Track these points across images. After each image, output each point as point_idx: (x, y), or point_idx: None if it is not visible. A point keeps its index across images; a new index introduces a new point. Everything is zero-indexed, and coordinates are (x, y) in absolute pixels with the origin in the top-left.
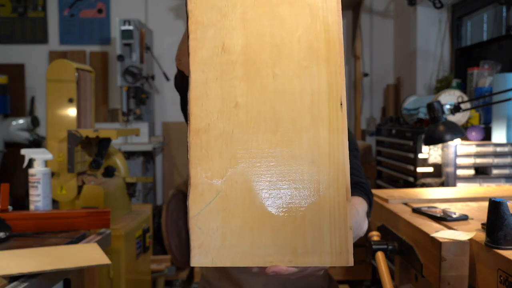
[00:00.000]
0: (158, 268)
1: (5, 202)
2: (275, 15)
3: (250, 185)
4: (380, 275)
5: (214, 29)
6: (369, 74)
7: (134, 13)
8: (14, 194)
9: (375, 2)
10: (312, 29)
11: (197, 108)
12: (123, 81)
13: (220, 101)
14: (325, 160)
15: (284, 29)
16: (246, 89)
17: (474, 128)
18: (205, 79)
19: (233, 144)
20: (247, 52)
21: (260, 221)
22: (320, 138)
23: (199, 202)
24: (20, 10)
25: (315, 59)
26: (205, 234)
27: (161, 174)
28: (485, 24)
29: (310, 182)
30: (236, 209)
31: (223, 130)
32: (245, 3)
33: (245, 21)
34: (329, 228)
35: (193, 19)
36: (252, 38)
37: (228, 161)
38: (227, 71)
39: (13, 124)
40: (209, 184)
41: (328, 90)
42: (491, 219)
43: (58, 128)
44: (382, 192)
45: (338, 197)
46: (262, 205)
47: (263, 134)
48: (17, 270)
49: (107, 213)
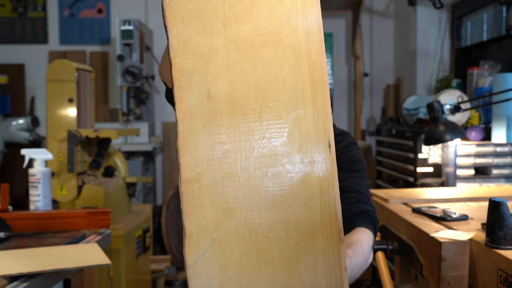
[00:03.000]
0: (158, 268)
1: (5, 202)
2: (259, 58)
3: (244, 232)
4: (380, 275)
5: (198, 76)
6: (369, 74)
7: (134, 13)
8: (14, 194)
9: (375, 2)
10: (297, 70)
11: (186, 157)
12: (123, 81)
13: (209, 149)
14: (317, 203)
15: (268, 72)
16: (234, 135)
17: (474, 128)
18: (193, 127)
19: (225, 192)
20: (232, 97)
21: (256, 267)
22: (311, 181)
23: (195, 251)
24: (20, 10)
25: (301, 101)
26: (203, 282)
27: (161, 174)
28: (485, 24)
29: (303, 227)
30: (232, 256)
31: (214, 178)
32: (227, 47)
33: (228, 66)
34: (324, 270)
35: (176, 67)
36: (237, 83)
37: (221, 209)
38: (214, 118)
39: (13, 124)
40: (204, 232)
41: (315, 132)
42: (491, 219)
43: (58, 128)
44: (382, 192)
45: (331, 239)
46: (259, 251)
47: (253, 181)
48: (17, 270)
49: (107, 213)
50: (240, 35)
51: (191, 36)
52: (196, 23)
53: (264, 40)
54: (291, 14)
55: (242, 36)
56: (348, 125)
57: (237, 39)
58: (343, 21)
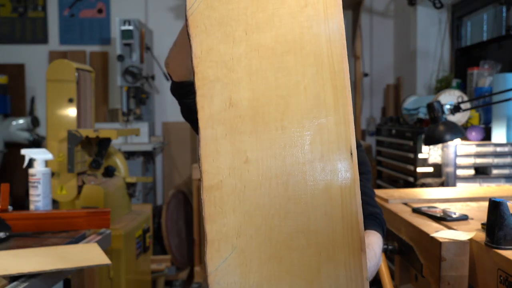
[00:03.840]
0: (158, 268)
1: (5, 202)
2: (280, 66)
3: (265, 239)
4: (380, 275)
5: (221, 84)
6: (369, 74)
7: (134, 13)
8: (14, 194)
9: (375, 2)
10: (319, 78)
11: (208, 165)
12: (123, 81)
13: (231, 157)
14: (338, 212)
15: (290, 79)
16: (256, 143)
17: (474, 128)
18: (215, 135)
19: (246, 200)
20: (254, 105)
21: (277, 276)
22: (332, 190)
23: (216, 258)
24: (20, 10)
25: (323, 109)
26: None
27: (161, 174)
28: (485, 24)
29: (323, 235)
30: (253, 264)
31: (235, 186)
32: (249, 55)
33: (250, 74)
34: (346, 281)
35: (199, 75)
36: (259, 91)
37: (242, 217)
38: (236, 126)
39: (13, 124)
40: (225, 240)
41: (337, 140)
42: (491, 219)
43: (58, 128)
44: (382, 192)
45: (353, 249)
46: (279, 259)
47: (275, 190)
48: (17, 270)
49: (107, 213)
50: (262, 43)
51: (214, 44)
52: (219, 32)
53: (286, 48)
54: (313, 21)
55: (264, 44)
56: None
57: (259, 47)
58: (343, 21)
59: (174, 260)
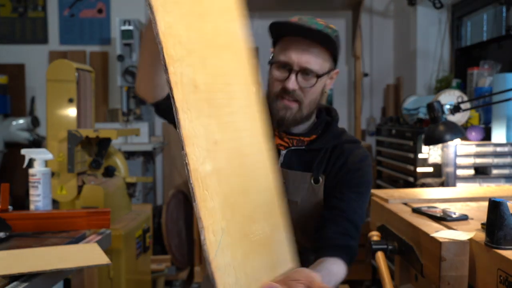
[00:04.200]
0: (158, 268)
1: (5, 202)
2: (221, 56)
3: (239, 217)
4: (380, 275)
5: (185, 65)
6: (369, 74)
7: (134, 13)
8: (14, 194)
9: (375, 2)
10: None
11: (190, 147)
12: (123, 81)
13: (205, 139)
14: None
15: (230, 69)
16: (217, 126)
17: (474, 128)
18: (190, 117)
19: (222, 181)
20: (209, 90)
21: (251, 250)
22: (266, 167)
23: (213, 244)
24: (20, 10)
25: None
26: (223, 273)
27: (161, 174)
28: (485, 24)
29: (267, 207)
30: (235, 243)
31: (212, 169)
32: (199, 41)
33: (204, 59)
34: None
35: (166, 52)
36: (210, 77)
37: (222, 199)
38: (201, 109)
39: (13, 124)
40: (216, 223)
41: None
42: (491, 219)
43: (58, 128)
44: (382, 192)
45: (283, 217)
46: (250, 234)
47: (238, 169)
48: (17, 270)
49: (107, 213)
50: (206, 32)
51: (173, 23)
52: (176, 10)
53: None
54: None
55: (207, 32)
56: (348, 125)
57: (205, 35)
58: (343, 21)
59: (174, 260)
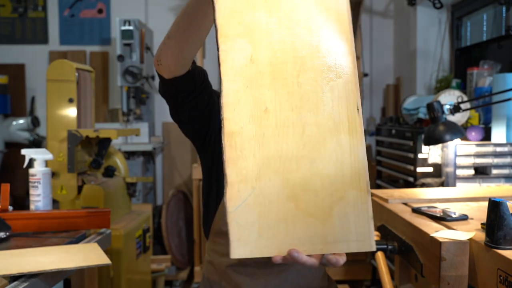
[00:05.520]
0: (158, 268)
1: (5, 202)
2: (297, 31)
3: (282, 182)
4: (380, 275)
5: (243, 42)
6: (369, 74)
7: (134, 13)
8: (14, 194)
9: (375, 2)
10: (330, 44)
11: (229, 113)
12: (123, 81)
13: (251, 106)
14: (347, 158)
15: (305, 43)
16: (274, 96)
17: (474, 128)
18: (236, 87)
19: (265, 145)
20: (273, 63)
21: (293, 215)
22: (342, 139)
23: (236, 198)
24: (20, 10)
25: (333, 70)
26: (243, 227)
27: (161, 174)
28: (485, 24)
29: (335, 178)
30: (271, 204)
31: (255, 133)
32: (268, 20)
33: (270, 36)
34: (354, 219)
35: (221, 32)
36: (277, 51)
37: (261, 161)
38: (256, 80)
39: (13, 124)
40: (245, 182)
41: (346, 96)
42: (491, 219)
43: (58, 128)
44: (382, 192)
45: (360, 190)
46: (295, 200)
47: (291, 137)
48: (17, 270)
49: (107, 213)
50: (280, 9)
51: (236, 7)
52: None
53: (300, 17)
54: None
55: (283, 9)
56: None
57: (278, 12)
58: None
59: (174, 260)
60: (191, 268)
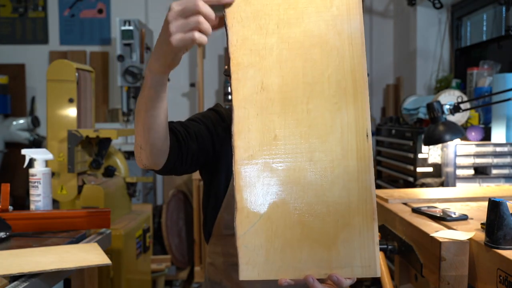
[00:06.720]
0: (158, 268)
1: (6, 202)
2: (307, 57)
3: (289, 208)
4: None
5: (254, 70)
6: (369, 74)
7: (134, 13)
8: (14, 194)
9: (375, 2)
10: (340, 69)
11: (240, 141)
12: (123, 81)
13: (261, 134)
14: (354, 185)
15: (316, 69)
16: (284, 123)
17: (474, 128)
18: (247, 114)
19: (273, 173)
20: (283, 90)
21: (299, 240)
22: (350, 166)
23: (245, 223)
24: (20, 10)
25: (343, 96)
26: (251, 251)
27: None
28: (485, 24)
29: (342, 204)
30: (278, 230)
31: (264, 161)
32: (280, 46)
33: (280, 62)
34: (359, 245)
35: (234, 61)
36: (288, 78)
37: (269, 187)
38: (266, 107)
39: (13, 124)
40: (254, 208)
41: (355, 123)
42: (490, 219)
43: (58, 128)
44: (382, 192)
45: (366, 217)
46: (301, 226)
47: (300, 164)
48: (17, 270)
49: (107, 213)
50: (291, 36)
51: (248, 35)
52: (253, 24)
53: (312, 41)
54: (337, 20)
55: (294, 37)
56: None
57: (289, 39)
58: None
59: (174, 260)
60: (191, 268)
